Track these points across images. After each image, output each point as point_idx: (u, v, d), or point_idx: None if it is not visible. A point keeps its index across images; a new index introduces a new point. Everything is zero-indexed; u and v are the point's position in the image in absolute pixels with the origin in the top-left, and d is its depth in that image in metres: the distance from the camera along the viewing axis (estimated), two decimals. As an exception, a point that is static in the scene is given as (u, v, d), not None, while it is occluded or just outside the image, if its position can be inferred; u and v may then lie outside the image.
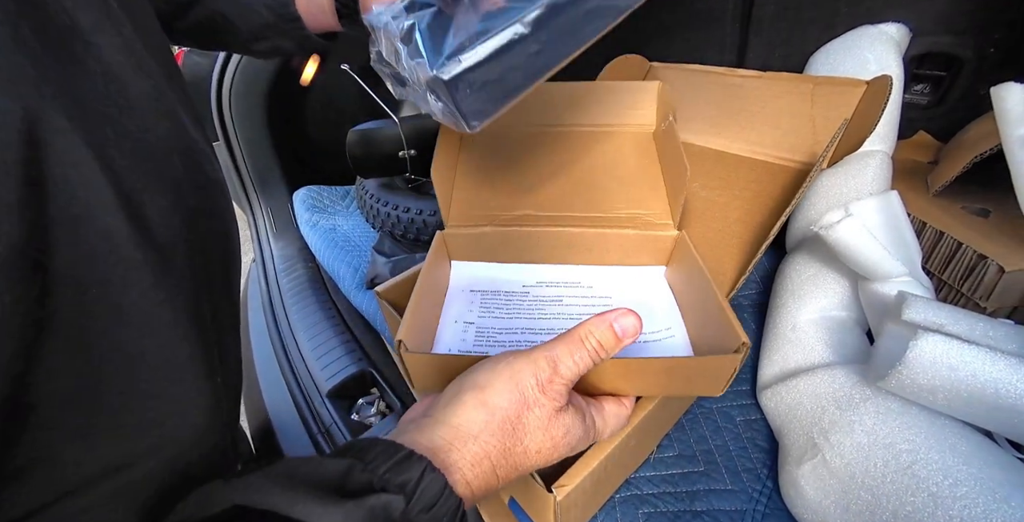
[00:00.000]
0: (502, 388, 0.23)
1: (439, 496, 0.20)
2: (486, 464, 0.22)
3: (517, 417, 0.23)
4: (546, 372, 0.23)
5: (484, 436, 0.22)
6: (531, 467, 0.24)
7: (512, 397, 0.23)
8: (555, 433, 0.24)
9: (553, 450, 0.24)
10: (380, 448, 0.21)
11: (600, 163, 0.45)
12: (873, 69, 0.54)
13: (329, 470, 0.19)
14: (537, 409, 0.23)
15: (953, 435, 0.30)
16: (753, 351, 0.49)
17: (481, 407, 0.23)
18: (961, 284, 0.43)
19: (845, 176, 0.48)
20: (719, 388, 0.28)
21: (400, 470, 0.20)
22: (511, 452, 0.23)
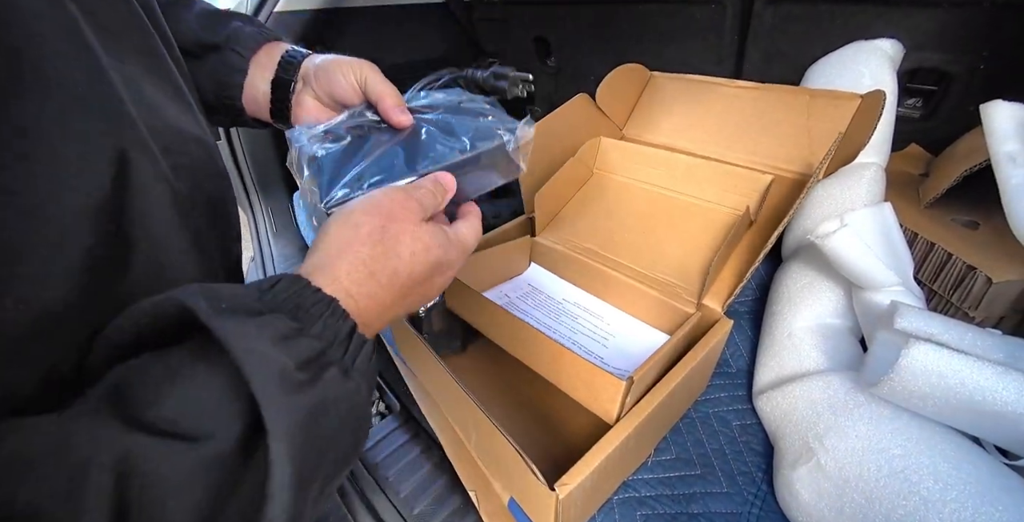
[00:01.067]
0: (362, 210, 0.24)
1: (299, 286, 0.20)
2: (362, 270, 0.23)
3: (381, 227, 0.24)
4: (400, 195, 0.26)
5: (354, 247, 0.23)
6: (411, 272, 0.24)
7: (373, 212, 0.24)
8: (422, 236, 0.25)
9: (426, 252, 0.25)
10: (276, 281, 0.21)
11: (673, 229, 0.49)
12: (868, 83, 0.55)
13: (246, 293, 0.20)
14: (400, 219, 0.24)
15: (943, 441, 0.31)
16: (749, 357, 0.50)
17: (345, 227, 0.24)
18: (951, 294, 0.44)
19: (840, 187, 0.50)
20: (611, 413, 0.32)
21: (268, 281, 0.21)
22: (385, 256, 0.23)
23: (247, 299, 0.19)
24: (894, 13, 0.61)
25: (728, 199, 0.49)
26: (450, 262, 0.26)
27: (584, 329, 0.46)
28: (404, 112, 0.32)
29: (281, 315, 0.19)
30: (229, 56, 0.35)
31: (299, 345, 0.18)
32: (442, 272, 0.26)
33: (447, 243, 0.26)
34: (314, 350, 0.19)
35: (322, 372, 0.19)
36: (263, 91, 0.36)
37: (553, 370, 0.36)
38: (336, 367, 0.19)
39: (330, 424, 0.18)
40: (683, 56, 0.83)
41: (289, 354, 0.18)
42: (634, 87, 0.67)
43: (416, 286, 0.25)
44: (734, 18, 0.74)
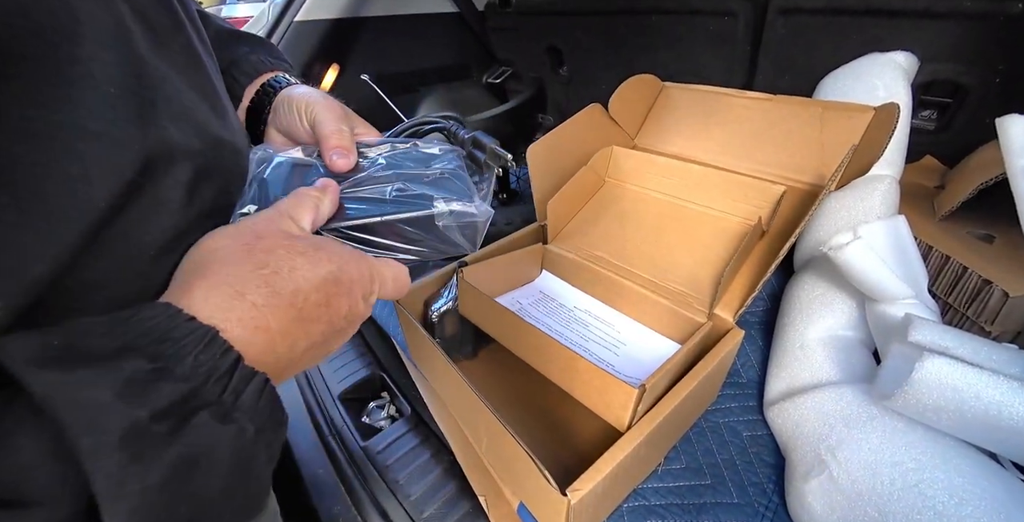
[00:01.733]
0: (222, 232, 0.22)
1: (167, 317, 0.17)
2: (227, 290, 0.19)
3: (246, 245, 0.20)
4: (268, 212, 0.23)
5: (213, 268, 0.19)
6: (296, 289, 0.20)
7: (235, 233, 0.21)
8: (301, 248, 0.21)
9: (312, 265, 0.21)
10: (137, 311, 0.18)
11: (685, 239, 0.49)
12: (882, 95, 0.55)
13: None
14: (269, 235, 0.21)
15: (958, 455, 0.31)
16: (760, 368, 0.50)
17: (200, 253, 0.21)
18: (967, 308, 0.44)
19: (854, 199, 0.50)
20: (623, 420, 0.32)
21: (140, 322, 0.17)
22: (256, 274, 0.19)
23: (95, 337, 0.16)
24: (908, 25, 0.62)
25: (740, 209, 0.49)
26: (351, 278, 0.22)
27: (595, 337, 0.47)
28: (344, 156, 0.30)
29: (135, 354, 0.16)
30: (227, 83, 0.35)
31: (157, 390, 0.15)
32: (344, 290, 0.22)
33: (341, 255, 0.22)
34: (178, 393, 0.16)
35: (188, 418, 0.16)
36: (242, 119, 0.35)
37: (565, 377, 0.36)
38: (208, 410, 0.16)
39: (206, 478, 0.16)
40: (695, 66, 0.84)
41: (141, 403, 0.15)
42: (646, 97, 0.67)
43: (313, 308, 0.20)
44: (746, 29, 0.74)
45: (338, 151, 0.29)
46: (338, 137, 0.30)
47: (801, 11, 0.68)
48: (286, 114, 0.33)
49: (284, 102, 0.33)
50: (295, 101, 0.33)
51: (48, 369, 0.14)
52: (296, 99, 0.33)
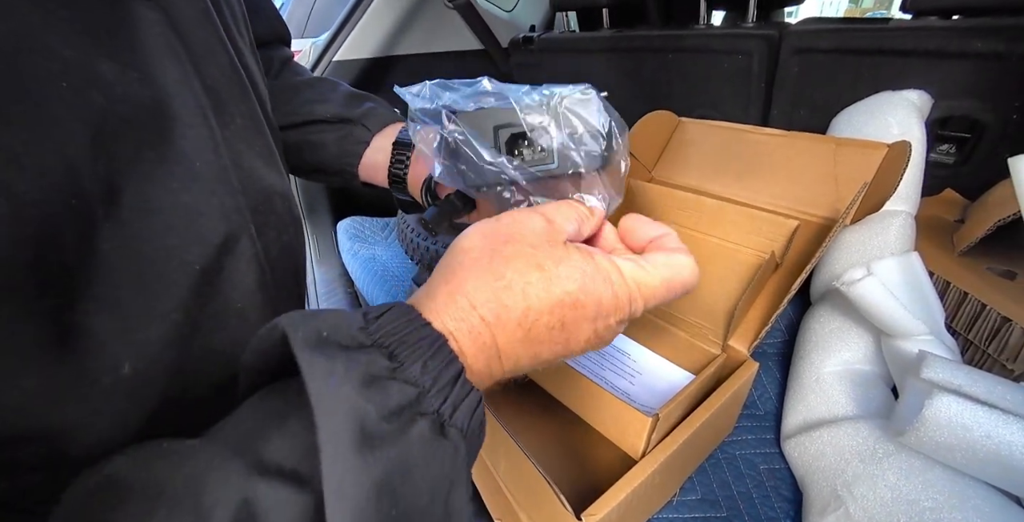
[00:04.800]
0: (477, 230, 0.21)
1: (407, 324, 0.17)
2: (460, 299, 0.19)
3: (491, 250, 0.20)
4: (525, 212, 0.21)
5: (458, 275, 0.19)
6: (529, 307, 0.19)
7: (488, 232, 0.20)
8: (542, 260, 0.19)
9: (547, 282, 0.19)
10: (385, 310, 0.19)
11: (701, 270, 0.50)
12: (896, 133, 0.57)
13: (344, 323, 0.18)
14: (517, 239, 0.20)
15: (976, 496, 0.31)
16: (777, 400, 0.50)
17: (454, 251, 0.20)
18: (987, 345, 0.44)
19: (868, 233, 0.51)
20: (637, 448, 0.33)
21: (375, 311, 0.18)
22: (490, 285, 0.19)
23: (349, 329, 0.17)
24: (921, 64, 0.63)
25: (754, 242, 0.50)
26: (598, 301, 0.20)
27: (612, 366, 0.48)
28: None
29: (378, 351, 0.17)
30: (358, 129, 0.41)
31: (389, 389, 0.16)
32: (586, 315, 0.20)
33: (585, 272, 0.20)
34: (406, 397, 0.16)
35: (410, 424, 0.16)
36: (384, 154, 0.40)
37: (582, 404, 0.38)
38: (427, 420, 0.16)
39: (412, 493, 0.15)
40: (712, 101, 0.87)
41: (375, 400, 0.15)
42: (663, 132, 0.70)
43: (544, 330, 0.19)
44: (760, 67, 0.77)
45: None
46: None
47: (814, 51, 0.71)
48: None
49: None
50: None
51: (315, 352, 0.15)
52: None
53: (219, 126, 0.25)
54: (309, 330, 0.16)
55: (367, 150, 0.41)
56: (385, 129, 0.42)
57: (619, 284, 0.21)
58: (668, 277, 0.22)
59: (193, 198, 0.22)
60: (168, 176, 0.21)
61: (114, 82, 0.19)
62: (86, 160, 0.17)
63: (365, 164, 0.42)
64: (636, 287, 0.21)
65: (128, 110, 0.19)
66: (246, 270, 0.25)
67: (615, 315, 0.21)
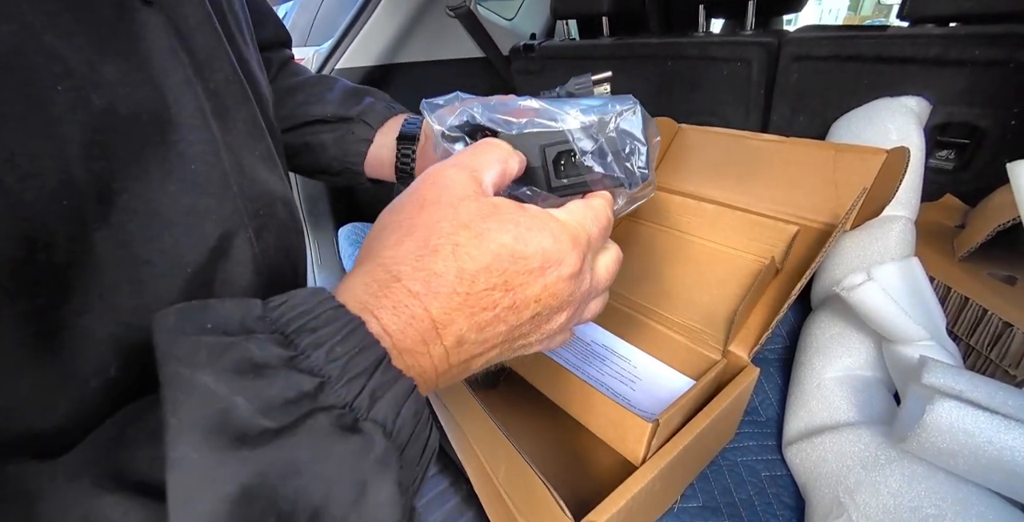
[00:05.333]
0: (390, 208, 0.19)
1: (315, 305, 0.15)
2: (379, 274, 0.17)
3: (408, 220, 0.18)
4: (444, 167, 0.19)
5: (374, 250, 0.18)
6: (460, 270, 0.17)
7: (401, 206, 0.19)
8: (468, 217, 0.18)
9: (477, 238, 0.17)
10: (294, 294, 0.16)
11: (701, 276, 0.51)
12: (894, 138, 0.57)
13: None
14: (435, 202, 0.18)
15: (980, 503, 0.31)
16: (779, 406, 0.50)
17: (371, 233, 0.19)
18: (989, 351, 0.44)
19: (868, 239, 0.51)
20: (637, 454, 0.33)
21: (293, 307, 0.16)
22: (413, 254, 0.17)
23: (244, 318, 0.15)
24: (920, 71, 0.64)
25: (754, 247, 0.50)
26: (541, 251, 0.18)
27: (612, 371, 0.48)
28: None
29: (267, 337, 0.15)
30: (359, 127, 0.41)
31: (273, 379, 0.13)
32: (529, 267, 0.18)
33: (519, 222, 0.18)
34: (297, 388, 0.14)
35: (302, 420, 0.13)
36: (389, 153, 0.40)
37: (582, 410, 0.38)
38: (328, 414, 0.14)
39: (301, 497, 0.13)
40: (712, 108, 0.87)
41: (250, 391, 0.13)
42: (663, 138, 0.71)
43: (483, 293, 0.17)
44: (760, 74, 0.78)
45: None
46: None
47: (812, 58, 0.71)
48: None
49: None
50: None
51: (181, 341, 0.13)
52: None
53: (220, 130, 0.25)
54: (188, 319, 0.14)
55: (371, 148, 0.41)
56: (387, 123, 0.41)
57: (557, 229, 0.19)
58: (595, 216, 0.21)
59: (191, 200, 0.22)
60: (166, 178, 0.21)
61: (115, 84, 0.19)
62: (82, 161, 0.18)
63: (371, 162, 0.42)
64: (576, 228, 0.20)
65: (127, 112, 0.19)
66: (242, 273, 0.25)
67: (565, 265, 0.19)
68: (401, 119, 0.42)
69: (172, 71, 0.22)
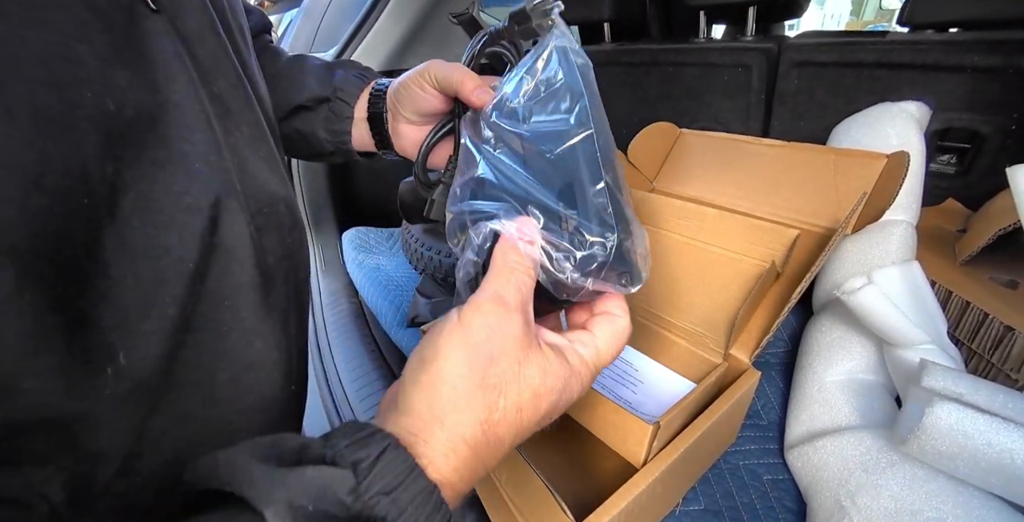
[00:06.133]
0: (454, 352, 0.20)
1: (404, 477, 0.17)
2: (463, 450, 0.19)
3: (482, 380, 0.19)
4: (496, 313, 0.20)
5: (452, 416, 0.19)
6: (521, 433, 0.20)
7: (469, 359, 0.20)
8: (532, 381, 0.20)
9: (537, 401, 0.20)
10: (347, 427, 0.18)
11: (701, 280, 0.52)
12: (894, 143, 0.57)
13: (289, 444, 0.17)
14: (502, 359, 0.20)
15: (981, 506, 0.31)
16: (781, 410, 0.50)
17: (439, 383, 0.19)
18: (991, 355, 0.44)
19: (869, 243, 0.51)
20: (639, 456, 0.33)
21: (358, 446, 0.17)
22: (489, 423, 0.19)
23: (337, 493, 0.16)
24: (919, 77, 0.64)
25: (755, 251, 0.51)
26: (573, 394, 0.22)
27: (613, 374, 0.48)
28: (485, 91, 0.30)
29: (349, 472, 0.16)
30: (337, 105, 0.41)
31: None
32: (561, 405, 0.22)
33: (568, 375, 0.22)
34: None
35: None
36: (365, 129, 0.41)
37: (583, 412, 0.38)
38: None
39: None
40: (712, 113, 0.88)
41: None
42: (664, 143, 0.71)
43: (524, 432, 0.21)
44: (760, 80, 0.78)
45: (478, 91, 0.30)
46: (471, 78, 0.30)
47: (813, 64, 0.72)
48: (411, 96, 0.35)
49: (400, 91, 0.36)
50: (411, 81, 0.35)
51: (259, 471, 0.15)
52: (410, 79, 0.35)
53: (224, 132, 0.26)
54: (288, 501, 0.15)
55: (352, 125, 0.41)
56: (363, 94, 0.41)
57: (586, 376, 0.23)
58: (618, 346, 0.25)
59: (193, 199, 0.23)
60: (170, 178, 0.22)
61: (124, 88, 0.20)
62: (97, 161, 0.19)
63: (356, 139, 0.42)
64: (596, 368, 0.24)
65: (132, 115, 0.20)
66: (244, 270, 0.25)
67: (578, 393, 0.23)
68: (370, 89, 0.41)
69: (176, 76, 0.23)
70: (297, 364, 0.32)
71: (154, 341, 0.21)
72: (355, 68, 0.43)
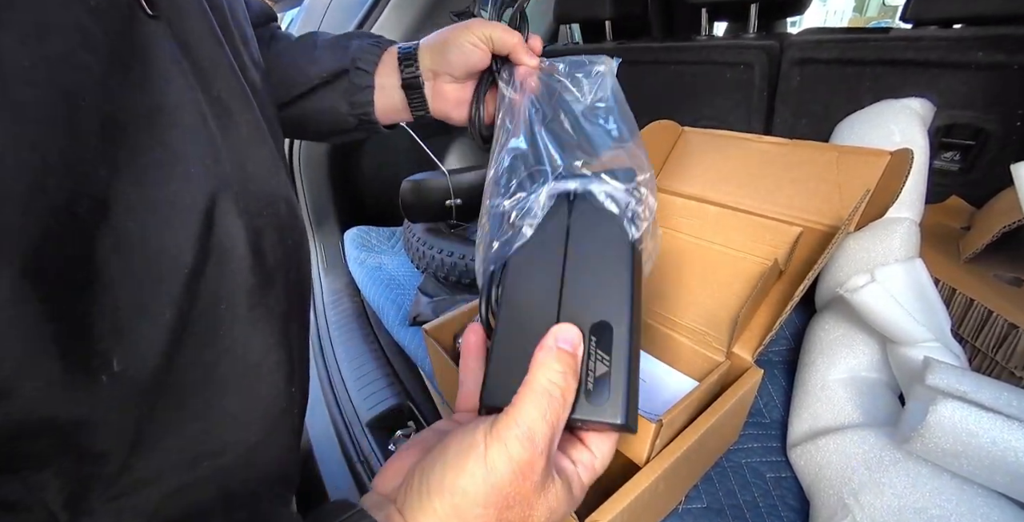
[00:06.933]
0: (473, 487, 0.20)
1: None
2: None
3: (496, 519, 0.21)
4: (521, 455, 0.20)
5: None
6: None
7: (487, 499, 0.20)
8: (539, 515, 0.22)
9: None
10: None
11: (704, 278, 0.52)
12: (898, 140, 0.57)
13: None
14: (517, 505, 0.21)
15: (985, 504, 0.30)
16: (783, 408, 0.50)
17: (451, 511, 0.20)
18: (995, 352, 0.43)
19: (872, 240, 0.51)
20: (641, 454, 0.33)
21: None
22: None
23: None
24: (922, 74, 0.64)
25: (757, 249, 0.51)
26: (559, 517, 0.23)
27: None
28: (533, 55, 0.34)
29: None
30: (357, 75, 0.40)
31: None
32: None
33: (568, 500, 0.23)
34: None
35: None
36: (399, 97, 0.41)
37: (585, 410, 0.38)
38: None
39: None
40: (714, 111, 0.87)
41: None
42: (666, 141, 0.71)
43: None
44: (762, 78, 0.78)
45: (528, 53, 0.33)
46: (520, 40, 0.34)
47: (815, 61, 0.71)
48: (464, 55, 0.37)
49: (450, 50, 0.38)
50: (463, 40, 0.37)
51: None
52: (461, 38, 0.37)
53: (222, 133, 0.26)
54: None
55: (375, 94, 0.41)
56: (382, 62, 0.41)
57: (579, 498, 0.24)
58: (608, 459, 0.26)
59: (190, 201, 0.23)
60: (165, 180, 0.22)
61: (123, 93, 0.20)
62: (93, 165, 0.19)
63: (381, 109, 0.42)
64: (588, 487, 0.25)
65: (128, 118, 0.20)
66: (242, 272, 0.25)
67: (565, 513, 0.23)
68: (391, 53, 0.41)
69: (174, 79, 0.23)
70: (298, 364, 0.32)
71: (150, 344, 0.21)
72: (368, 37, 0.43)
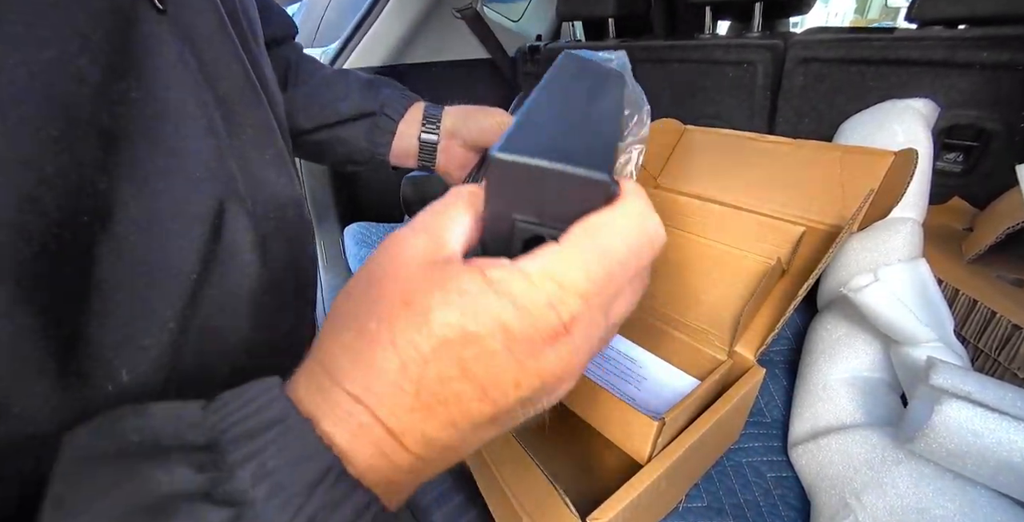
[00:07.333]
0: (346, 286, 0.16)
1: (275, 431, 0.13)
2: (319, 375, 0.14)
3: (355, 305, 0.15)
4: (405, 233, 0.15)
5: (321, 340, 0.15)
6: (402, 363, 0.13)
7: (354, 284, 0.16)
8: (409, 293, 0.14)
9: (415, 318, 0.13)
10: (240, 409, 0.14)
11: (706, 277, 0.52)
12: (901, 140, 0.57)
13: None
14: (386, 278, 0.14)
15: (988, 505, 0.30)
16: (785, 407, 0.50)
17: (332, 308, 0.16)
18: (998, 353, 0.43)
19: (875, 240, 0.51)
20: (643, 452, 0.33)
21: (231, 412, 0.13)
22: (350, 346, 0.14)
23: (175, 424, 0.13)
24: (927, 74, 0.64)
25: (760, 248, 0.50)
26: (503, 324, 0.13)
27: (618, 371, 0.48)
28: None
29: (186, 458, 0.12)
30: (382, 120, 0.45)
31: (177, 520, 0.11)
32: (496, 347, 0.13)
33: (477, 291, 0.13)
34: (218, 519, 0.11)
35: None
36: (413, 145, 0.45)
37: (588, 408, 0.38)
38: None
39: None
40: (717, 110, 0.87)
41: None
42: (668, 140, 0.71)
43: (436, 385, 0.13)
44: (765, 77, 0.78)
45: None
46: None
47: (818, 61, 0.71)
48: (475, 127, 0.44)
49: (462, 120, 0.44)
50: (477, 114, 0.44)
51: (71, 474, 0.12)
52: (476, 113, 0.44)
53: (228, 135, 0.25)
54: (106, 434, 0.12)
55: (395, 139, 0.45)
56: (407, 113, 0.45)
57: (522, 293, 0.13)
58: (594, 246, 0.14)
59: (195, 208, 0.22)
60: (168, 188, 0.21)
61: (123, 99, 0.20)
62: (92, 178, 0.18)
63: (395, 152, 0.46)
64: (555, 287, 0.13)
65: (129, 125, 0.20)
66: (243, 278, 0.25)
67: (540, 339, 0.13)
68: (417, 108, 0.46)
69: (178, 80, 0.22)
70: None
71: (152, 355, 0.21)
72: (396, 87, 0.48)
